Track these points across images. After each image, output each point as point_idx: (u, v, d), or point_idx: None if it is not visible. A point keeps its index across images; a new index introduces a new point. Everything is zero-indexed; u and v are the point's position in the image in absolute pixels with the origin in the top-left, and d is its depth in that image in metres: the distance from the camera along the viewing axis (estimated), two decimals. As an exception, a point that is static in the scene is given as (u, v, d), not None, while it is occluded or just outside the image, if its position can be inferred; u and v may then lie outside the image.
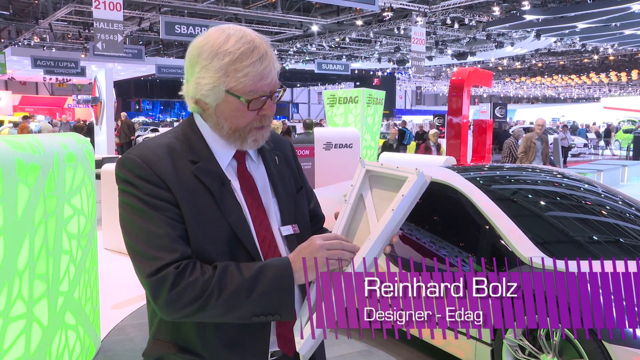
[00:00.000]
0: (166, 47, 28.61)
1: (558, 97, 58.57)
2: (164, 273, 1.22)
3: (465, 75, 13.58)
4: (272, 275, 1.26)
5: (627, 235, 3.60)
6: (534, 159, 9.70)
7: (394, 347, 4.12)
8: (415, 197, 1.32)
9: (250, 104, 1.32)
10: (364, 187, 1.46)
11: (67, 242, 3.18)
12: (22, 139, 2.73)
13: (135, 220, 1.27)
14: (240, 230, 1.32)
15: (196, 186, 1.31)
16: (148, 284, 1.24)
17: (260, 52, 1.30)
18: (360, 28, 21.77)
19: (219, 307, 1.23)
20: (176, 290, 1.22)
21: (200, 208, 1.30)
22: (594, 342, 2.68)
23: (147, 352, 1.40)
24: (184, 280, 1.22)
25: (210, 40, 1.31)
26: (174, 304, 1.23)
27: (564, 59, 31.15)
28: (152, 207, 1.26)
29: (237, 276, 1.24)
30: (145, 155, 1.30)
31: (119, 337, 4.37)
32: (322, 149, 8.24)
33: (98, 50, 12.65)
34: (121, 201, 1.31)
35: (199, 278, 1.23)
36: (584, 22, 18.06)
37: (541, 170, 4.65)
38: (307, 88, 53.54)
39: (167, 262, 1.23)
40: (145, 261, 1.25)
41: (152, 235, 1.25)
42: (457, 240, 3.73)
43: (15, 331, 2.45)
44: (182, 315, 1.24)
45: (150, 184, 1.27)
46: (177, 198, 1.28)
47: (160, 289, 1.22)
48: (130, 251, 1.28)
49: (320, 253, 1.28)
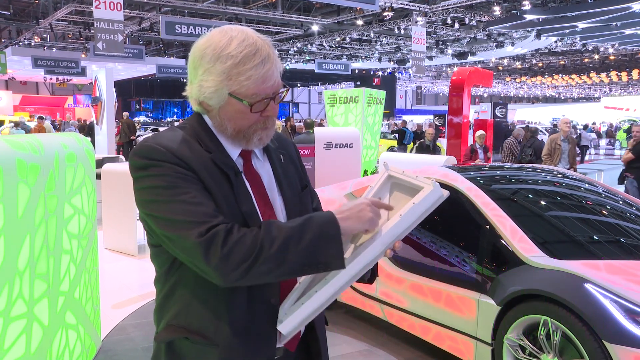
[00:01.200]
0: (166, 47, 28.62)
1: (558, 97, 58.56)
2: (214, 231, 1.22)
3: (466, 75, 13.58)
4: (319, 223, 1.26)
5: (628, 235, 3.60)
6: (559, 162, 9.00)
7: (394, 346, 4.12)
8: (427, 208, 1.32)
9: (253, 106, 1.32)
10: (383, 191, 1.49)
11: (67, 241, 3.18)
12: (22, 139, 2.73)
13: (169, 197, 1.26)
14: (251, 221, 1.33)
15: (215, 172, 1.32)
16: (199, 244, 1.21)
17: (263, 54, 1.31)
18: (360, 28, 21.77)
19: (271, 259, 1.22)
20: (228, 246, 1.21)
21: (220, 192, 1.31)
22: (594, 342, 2.68)
23: (160, 337, 1.39)
24: (234, 236, 1.22)
25: (212, 43, 1.31)
26: (227, 260, 1.21)
27: (565, 59, 31.15)
28: (182, 180, 1.27)
29: (284, 227, 1.25)
30: (163, 143, 1.31)
31: (120, 336, 4.37)
32: (322, 148, 8.24)
33: (98, 50, 12.66)
34: (143, 187, 1.30)
35: (247, 233, 1.23)
36: (584, 21, 18.05)
37: (541, 170, 4.65)
38: (308, 88, 53.53)
39: (214, 223, 1.23)
40: (191, 227, 1.23)
41: (191, 205, 1.25)
42: (457, 240, 3.73)
43: (16, 331, 2.45)
44: (237, 274, 1.22)
45: (173, 164, 1.28)
46: (201, 177, 1.29)
47: (213, 246, 1.21)
48: (170, 226, 1.26)
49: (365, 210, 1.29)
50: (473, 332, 3.34)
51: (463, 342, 3.42)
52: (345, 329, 4.41)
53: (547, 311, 2.92)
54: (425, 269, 3.76)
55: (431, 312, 3.64)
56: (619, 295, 2.74)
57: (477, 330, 3.31)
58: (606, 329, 2.66)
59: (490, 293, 3.25)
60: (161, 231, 1.28)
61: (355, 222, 1.28)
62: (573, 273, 2.92)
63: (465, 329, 3.40)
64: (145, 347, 4.12)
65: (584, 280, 2.86)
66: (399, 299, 3.90)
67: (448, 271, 3.62)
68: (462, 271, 3.52)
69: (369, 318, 4.45)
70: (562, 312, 2.84)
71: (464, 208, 3.67)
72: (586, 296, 2.79)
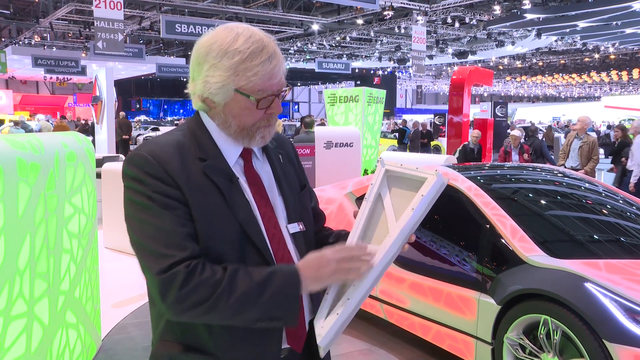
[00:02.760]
0: (167, 46, 28.61)
1: (559, 96, 58.55)
2: (174, 271, 1.20)
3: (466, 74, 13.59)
4: (280, 282, 1.26)
5: (628, 235, 3.60)
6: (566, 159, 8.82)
7: (395, 346, 4.12)
8: (434, 197, 1.35)
9: (259, 102, 1.32)
10: (382, 187, 1.49)
11: (67, 241, 3.18)
12: (22, 138, 2.74)
13: (143, 218, 1.25)
14: (249, 228, 1.32)
15: (205, 184, 1.30)
16: (157, 281, 1.22)
17: (269, 51, 1.31)
18: (360, 27, 21.77)
19: (228, 309, 1.22)
20: (186, 289, 1.20)
21: (210, 206, 1.29)
22: (594, 341, 2.68)
23: (156, 353, 1.38)
24: (195, 279, 1.21)
25: (218, 39, 1.31)
26: (183, 302, 1.21)
27: (565, 58, 31.13)
28: (161, 204, 1.25)
29: (247, 279, 1.24)
30: (155, 152, 1.29)
31: (120, 336, 4.37)
32: (322, 148, 8.24)
33: (99, 49, 12.67)
34: (128, 198, 1.30)
35: (209, 278, 1.22)
36: (584, 20, 18.05)
37: (542, 169, 4.65)
38: (308, 87, 53.52)
39: (177, 260, 1.22)
40: (154, 258, 1.23)
41: (162, 232, 1.24)
42: (457, 239, 3.73)
43: (16, 330, 2.45)
44: (190, 316, 1.23)
45: (159, 181, 1.26)
46: (186, 196, 1.27)
47: (170, 286, 1.20)
48: (138, 248, 1.27)
49: (330, 267, 1.29)
50: (473, 332, 3.34)
51: (463, 342, 3.42)
52: (346, 327, 4.41)
53: (547, 310, 2.92)
54: (426, 268, 3.76)
55: (431, 311, 3.64)
56: (619, 294, 2.74)
57: (477, 329, 3.31)
58: (606, 328, 2.66)
59: (490, 292, 3.25)
60: (132, 247, 1.29)
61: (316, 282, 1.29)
62: (573, 272, 2.92)
63: (465, 328, 3.40)
64: (145, 346, 4.12)
65: (584, 280, 2.86)
66: (399, 298, 3.90)
67: (448, 270, 3.62)
68: (462, 270, 3.52)
69: (369, 317, 4.45)
70: (562, 311, 2.84)
71: (464, 207, 3.67)
72: (586, 295, 2.79)
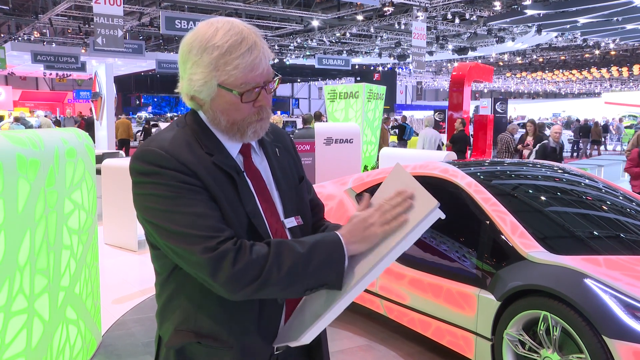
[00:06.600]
0: (166, 42, 28.55)
1: (559, 92, 58.46)
2: (223, 248, 1.20)
3: (466, 70, 13.59)
4: (326, 250, 1.28)
5: (628, 231, 3.61)
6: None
7: (394, 342, 4.12)
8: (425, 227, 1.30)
9: (243, 96, 1.31)
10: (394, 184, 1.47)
11: (67, 237, 3.18)
12: (22, 134, 2.73)
13: (174, 209, 1.24)
14: (256, 220, 1.33)
15: (218, 175, 1.31)
16: (206, 261, 1.20)
17: (249, 42, 1.29)
18: (360, 23, 21.71)
19: (279, 283, 1.23)
20: (239, 266, 1.20)
21: (225, 195, 1.30)
22: (594, 337, 2.69)
23: (170, 343, 1.37)
24: (246, 256, 1.21)
25: (199, 36, 1.30)
26: (237, 279, 1.20)
27: (565, 54, 31.08)
28: (189, 192, 1.25)
29: (292, 252, 1.25)
30: (165, 147, 1.29)
31: (120, 332, 4.38)
32: (322, 144, 8.24)
33: (98, 45, 12.63)
34: (148, 194, 1.27)
35: (257, 254, 1.22)
36: (585, 16, 18.01)
37: (542, 165, 4.65)
38: (308, 83, 53.44)
39: (223, 238, 1.22)
40: (197, 241, 1.21)
41: (198, 217, 1.23)
42: (457, 235, 3.73)
43: (17, 326, 2.45)
44: (244, 293, 1.22)
45: (178, 172, 1.26)
46: (205, 184, 1.28)
47: (221, 265, 1.20)
48: (175, 239, 1.24)
49: (375, 226, 1.30)
50: (473, 328, 3.34)
51: (463, 337, 3.43)
52: (345, 324, 4.42)
53: (546, 306, 2.92)
54: (425, 265, 3.76)
55: (431, 307, 3.64)
56: (618, 290, 2.75)
57: (477, 325, 3.32)
58: (606, 324, 2.66)
59: (490, 288, 3.26)
60: (164, 242, 1.27)
61: (361, 245, 1.30)
62: (573, 268, 2.93)
63: (465, 324, 3.40)
64: (145, 342, 4.13)
65: (583, 276, 2.86)
66: (399, 294, 3.91)
67: (448, 266, 3.62)
68: (462, 266, 3.52)
69: (369, 313, 4.45)
70: (561, 307, 2.84)
71: (464, 203, 3.67)
72: (586, 291, 2.80)
